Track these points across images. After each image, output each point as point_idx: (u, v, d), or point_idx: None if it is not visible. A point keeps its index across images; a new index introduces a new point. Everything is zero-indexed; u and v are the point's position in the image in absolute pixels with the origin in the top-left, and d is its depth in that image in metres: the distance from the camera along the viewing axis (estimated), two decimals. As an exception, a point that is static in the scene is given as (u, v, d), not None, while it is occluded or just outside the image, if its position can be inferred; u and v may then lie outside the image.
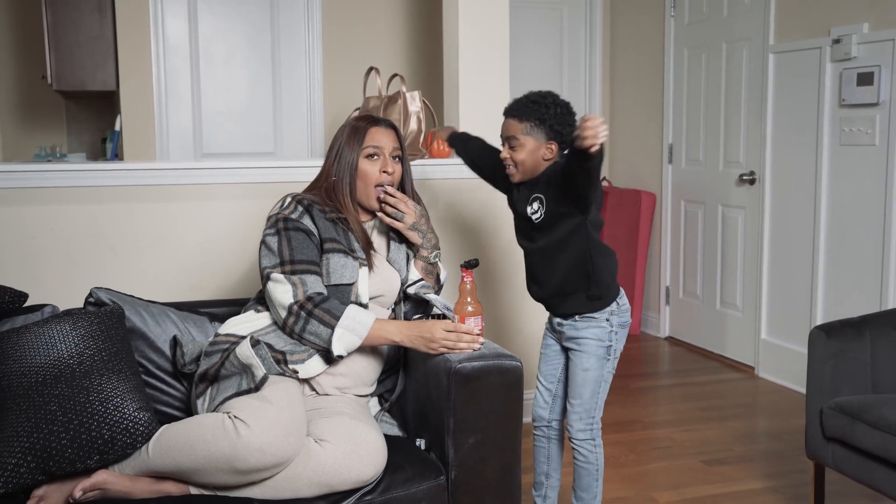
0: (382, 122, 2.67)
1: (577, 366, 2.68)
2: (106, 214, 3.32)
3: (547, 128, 2.57)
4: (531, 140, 2.58)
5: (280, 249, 2.48)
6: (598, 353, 2.65)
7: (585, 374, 2.66)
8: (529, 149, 2.58)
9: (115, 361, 2.36)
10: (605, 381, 2.68)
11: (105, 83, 5.05)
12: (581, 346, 2.66)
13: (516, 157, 2.61)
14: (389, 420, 2.65)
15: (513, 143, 2.60)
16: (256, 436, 2.13)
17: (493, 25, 3.82)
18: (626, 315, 2.69)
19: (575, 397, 2.68)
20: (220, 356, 2.45)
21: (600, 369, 2.66)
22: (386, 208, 2.64)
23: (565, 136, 2.58)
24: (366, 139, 2.61)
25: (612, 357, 2.68)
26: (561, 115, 2.58)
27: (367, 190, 2.62)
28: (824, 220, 4.38)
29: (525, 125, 2.58)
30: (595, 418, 2.69)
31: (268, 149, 5.53)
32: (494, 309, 3.82)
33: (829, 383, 2.91)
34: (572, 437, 2.71)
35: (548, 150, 2.59)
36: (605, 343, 2.65)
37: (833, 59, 4.25)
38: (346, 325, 2.40)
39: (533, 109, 2.57)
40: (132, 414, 2.25)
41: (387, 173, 2.62)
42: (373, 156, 2.61)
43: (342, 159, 2.61)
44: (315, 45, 5.51)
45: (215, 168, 3.45)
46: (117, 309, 2.54)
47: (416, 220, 2.66)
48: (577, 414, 2.69)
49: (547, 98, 2.59)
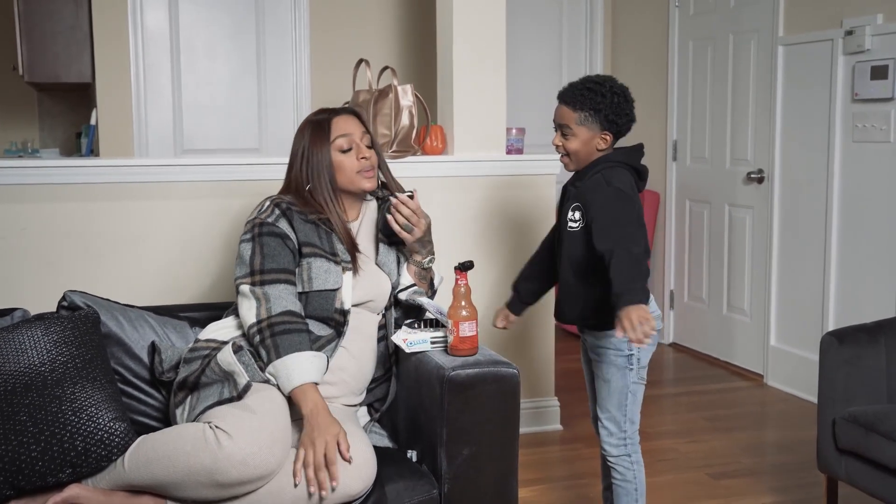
0: (342, 109, 2.67)
1: (599, 377, 2.66)
2: (81, 214, 3.30)
3: (602, 118, 2.56)
4: (585, 130, 2.57)
5: (251, 258, 2.48)
6: (616, 362, 2.61)
7: (607, 385, 2.63)
8: (583, 139, 2.57)
9: (90, 369, 2.35)
10: (631, 393, 2.64)
11: (80, 75, 5.04)
12: (600, 356, 2.64)
13: (569, 147, 2.60)
14: (379, 430, 2.64)
15: (565, 131, 2.59)
16: (239, 447, 2.11)
17: (489, 16, 3.82)
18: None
19: (602, 411, 2.66)
20: (200, 363, 2.44)
21: (622, 380, 2.62)
22: (398, 217, 2.60)
23: (621, 125, 2.58)
24: (332, 131, 2.60)
25: (636, 366, 2.62)
26: (618, 104, 2.56)
27: (350, 177, 2.61)
28: (836, 220, 4.38)
29: (579, 114, 2.56)
30: (627, 432, 2.65)
31: (252, 145, 5.52)
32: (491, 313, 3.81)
33: (842, 392, 2.91)
34: (605, 454, 2.68)
35: (602, 141, 2.58)
36: (625, 352, 2.61)
37: (845, 51, 4.25)
38: (274, 371, 2.36)
39: (588, 98, 2.55)
40: (107, 424, 2.23)
41: (365, 159, 2.61)
42: (345, 148, 2.60)
43: (312, 161, 2.58)
44: (302, 36, 5.50)
45: (196, 165, 3.44)
46: (92, 313, 2.53)
47: (424, 234, 2.66)
48: (606, 429, 2.66)
49: (604, 85, 2.57)
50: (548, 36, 6.12)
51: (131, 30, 5.15)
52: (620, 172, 2.57)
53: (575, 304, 2.64)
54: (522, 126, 4.10)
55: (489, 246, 3.85)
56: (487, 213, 3.83)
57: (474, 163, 3.80)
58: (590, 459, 3.68)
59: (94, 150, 5.21)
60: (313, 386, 2.33)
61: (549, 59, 6.14)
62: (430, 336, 2.55)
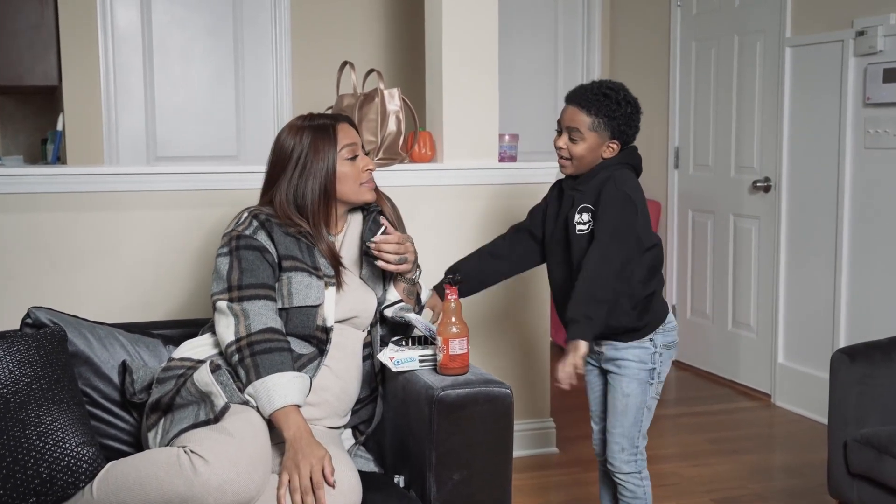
0: (340, 117, 2.68)
1: (617, 390, 2.67)
2: (46, 225, 3.29)
3: (615, 126, 2.59)
4: (595, 136, 2.59)
5: (229, 273, 2.48)
6: (639, 376, 2.65)
7: (626, 399, 2.65)
8: (590, 145, 2.60)
9: (56, 390, 2.34)
10: (647, 408, 2.68)
11: (46, 77, 5.02)
12: (621, 369, 2.66)
13: (574, 151, 2.61)
14: (365, 454, 2.64)
15: (574, 135, 2.61)
16: (216, 473, 2.11)
17: (480, 15, 3.83)
18: (671, 335, 2.70)
19: (615, 426, 2.68)
20: (174, 383, 2.43)
21: (643, 395, 2.65)
22: (387, 257, 2.58)
23: (629, 137, 2.61)
24: (339, 140, 2.60)
25: (656, 381, 2.68)
26: (630, 115, 2.60)
27: (353, 188, 2.61)
28: (847, 231, 4.39)
29: (593, 120, 2.58)
30: (639, 448, 2.69)
31: (230, 152, 5.51)
32: (482, 329, 3.81)
33: (853, 413, 2.92)
34: (615, 471, 2.70)
35: (608, 150, 2.61)
36: (648, 366, 2.65)
37: (856, 53, 4.28)
38: (254, 392, 2.35)
39: (604, 104, 2.58)
40: (74, 449, 2.22)
41: (370, 170, 2.64)
42: (349, 157, 2.60)
43: (310, 169, 2.57)
44: (283, 37, 5.51)
45: (171, 173, 3.43)
46: (58, 331, 2.52)
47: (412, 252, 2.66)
48: (617, 444, 2.68)
49: (619, 93, 2.60)
50: (543, 37, 6.14)
51: (101, 28, 5.15)
52: (628, 174, 2.60)
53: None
54: (516, 132, 4.11)
55: (481, 258, 3.85)
56: (479, 224, 3.83)
57: (465, 171, 3.80)
58: (588, 485, 3.68)
59: (60, 157, 5.20)
60: (295, 408, 2.33)
61: (545, 61, 6.15)
62: (419, 354, 2.55)
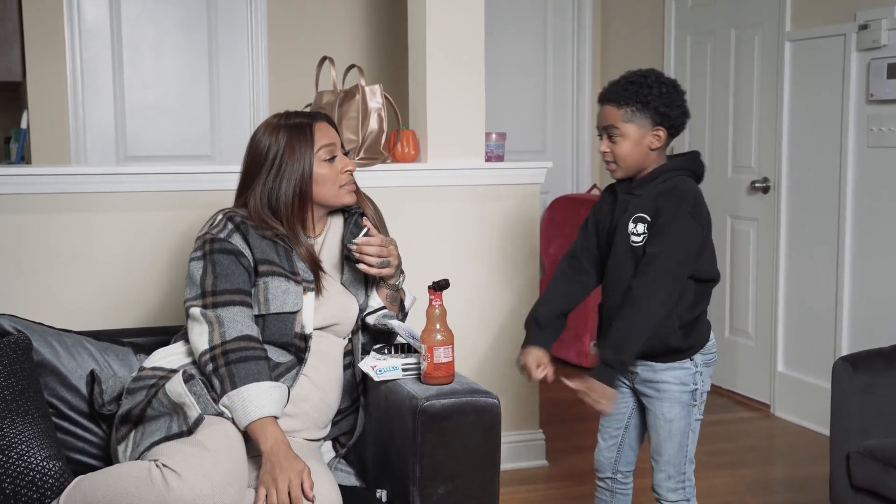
0: (318, 115, 2.68)
1: (658, 416, 2.61)
2: (10, 227, 3.29)
3: (652, 111, 2.51)
4: (633, 128, 2.52)
5: (202, 279, 2.48)
6: (681, 399, 2.58)
7: (670, 425, 2.59)
8: (633, 139, 2.53)
9: (20, 401, 2.34)
10: (693, 431, 2.62)
11: (9, 73, 5.01)
12: (661, 393, 2.59)
13: (618, 152, 2.54)
14: (345, 468, 2.64)
15: (612, 132, 2.55)
16: (189, 488, 2.11)
17: (465, 9, 3.83)
18: (711, 352, 2.63)
19: (660, 453, 2.62)
20: (145, 394, 2.43)
21: (686, 418, 2.59)
22: (369, 259, 2.59)
23: (673, 119, 2.54)
24: (316, 140, 2.61)
25: (699, 402, 2.61)
26: (667, 94, 2.53)
27: (332, 190, 2.62)
28: (850, 233, 4.41)
29: (625, 110, 2.52)
30: (686, 474, 2.62)
31: (204, 151, 5.51)
32: (467, 336, 3.82)
33: (856, 424, 2.93)
34: (661, 499, 2.64)
35: (654, 138, 2.54)
36: (690, 387, 2.58)
37: (859, 47, 4.30)
38: (230, 403, 2.35)
39: (633, 91, 2.52)
40: (39, 463, 2.22)
41: (349, 171, 2.64)
42: (327, 158, 2.61)
43: (286, 170, 2.58)
44: (259, 31, 5.51)
45: (141, 174, 3.43)
46: (23, 339, 2.52)
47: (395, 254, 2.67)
48: (664, 472, 2.62)
49: (648, 76, 2.54)
50: (531, 31, 6.15)
51: (67, 21, 5.14)
52: (690, 182, 2.57)
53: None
54: (503, 131, 4.12)
55: (466, 262, 3.86)
56: (464, 227, 3.84)
57: (450, 171, 3.81)
58: (579, 499, 3.69)
59: (24, 156, 5.19)
60: (273, 420, 2.33)
61: (533, 56, 6.17)
62: (402, 362, 2.55)
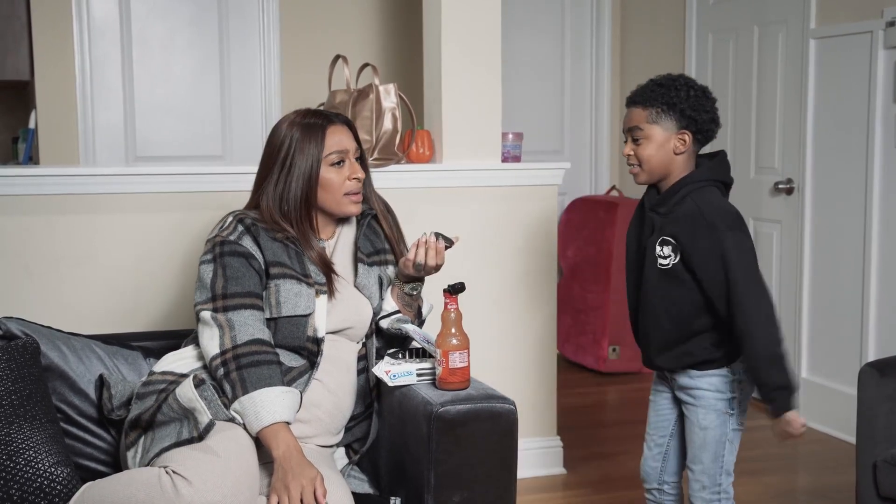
0: (337, 118, 2.68)
1: (694, 423, 2.63)
2: (18, 229, 3.30)
3: (678, 113, 2.52)
4: (658, 130, 2.53)
5: (213, 282, 2.49)
6: (717, 407, 2.59)
7: (704, 433, 2.60)
8: (657, 141, 2.54)
9: (28, 406, 2.34)
10: (729, 441, 2.62)
11: (17, 72, 5.03)
12: (697, 400, 2.61)
13: (641, 154, 2.55)
14: (359, 475, 2.64)
15: (636, 134, 2.56)
16: (200, 495, 2.11)
17: (481, 6, 3.84)
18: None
19: (695, 462, 2.63)
20: (155, 399, 2.44)
21: (722, 427, 2.60)
22: (421, 254, 2.63)
23: (700, 124, 2.54)
24: (326, 143, 2.61)
25: (738, 411, 2.62)
26: (695, 97, 2.53)
27: (335, 197, 2.63)
28: (877, 236, 4.40)
29: (650, 112, 2.53)
30: (723, 486, 2.63)
31: (215, 151, 5.52)
32: (483, 340, 3.82)
33: (883, 431, 2.92)
34: None
35: (679, 142, 2.54)
36: (726, 395, 2.60)
37: (886, 45, 4.29)
38: (241, 408, 2.36)
39: (659, 93, 2.53)
40: (47, 470, 2.23)
41: (357, 179, 2.63)
42: (335, 162, 2.61)
43: (294, 169, 2.59)
44: (271, 27, 5.52)
45: (152, 174, 3.44)
46: (31, 343, 2.52)
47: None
48: (698, 482, 2.63)
49: (677, 80, 2.56)
50: (548, 29, 6.15)
51: (76, 20, 5.15)
52: (713, 195, 2.56)
53: (668, 346, 2.63)
54: (520, 131, 4.12)
55: (482, 265, 3.86)
56: (480, 228, 3.84)
57: (466, 172, 3.81)
58: (598, 508, 3.69)
59: (32, 157, 5.21)
60: (285, 426, 2.34)
61: (550, 54, 6.17)
62: (416, 367, 2.55)
